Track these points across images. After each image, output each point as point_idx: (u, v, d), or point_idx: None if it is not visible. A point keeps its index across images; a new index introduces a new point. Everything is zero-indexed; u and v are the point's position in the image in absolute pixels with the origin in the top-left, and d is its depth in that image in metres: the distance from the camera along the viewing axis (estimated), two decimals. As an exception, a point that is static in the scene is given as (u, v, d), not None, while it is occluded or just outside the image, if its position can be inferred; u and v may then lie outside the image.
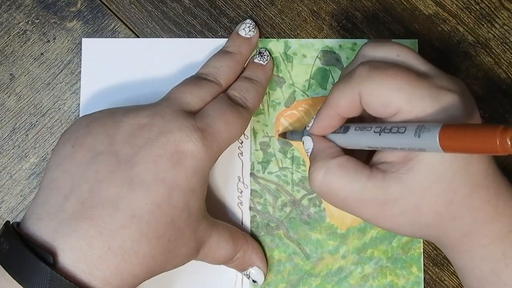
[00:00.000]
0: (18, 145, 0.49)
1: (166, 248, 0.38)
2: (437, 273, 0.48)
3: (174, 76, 0.48)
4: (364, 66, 0.38)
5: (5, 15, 0.49)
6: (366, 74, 0.37)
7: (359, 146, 0.40)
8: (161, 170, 0.38)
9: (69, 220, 0.36)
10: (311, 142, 0.42)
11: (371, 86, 0.37)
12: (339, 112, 0.39)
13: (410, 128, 0.35)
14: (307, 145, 0.42)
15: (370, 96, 0.37)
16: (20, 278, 0.35)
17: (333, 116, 0.40)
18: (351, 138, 0.40)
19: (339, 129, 0.41)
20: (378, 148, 0.38)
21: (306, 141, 0.42)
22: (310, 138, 0.42)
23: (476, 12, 0.50)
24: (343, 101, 0.39)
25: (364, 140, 0.39)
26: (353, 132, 0.40)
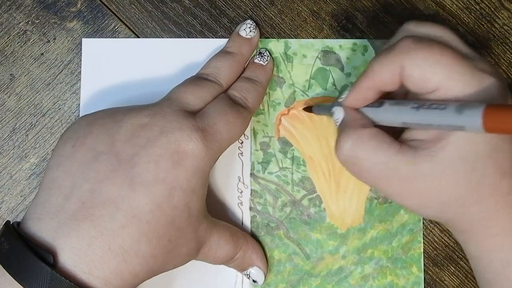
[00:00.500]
0: (18, 145, 0.49)
1: (166, 248, 0.38)
2: (437, 273, 0.48)
3: (174, 76, 0.48)
4: (408, 39, 0.38)
5: (5, 15, 0.49)
6: (410, 46, 0.37)
7: (393, 122, 0.39)
8: (161, 170, 0.38)
9: (70, 220, 0.36)
10: (342, 112, 0.41)
11: (415, 59, 0.37)
12: (377, 84, 0.39)
13: (451, 105, 0.35)
14: (337, 115, 0.41)
15: (413, 68, 0.37)
16: (20, 278, 0.35)
17: (370, 88, 0.40)
18: (386, 113, 0.39)
19: (373, 103, 0.41)
20: (413, 125, 0.38)
21: (336, 111, 0.41)
22: (342, 108, 0.41)
23: (476, 12, 0.50)
24: (384, 72, 0.38)
25: (400, 115, 0.38)
26: (389, 107, 0.39)
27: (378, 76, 0.39)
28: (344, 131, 0.39)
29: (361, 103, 0.41)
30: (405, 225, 0.48)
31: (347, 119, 0.40)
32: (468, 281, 0.48)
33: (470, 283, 0.48)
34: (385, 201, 0.48)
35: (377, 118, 0.40)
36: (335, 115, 0.41)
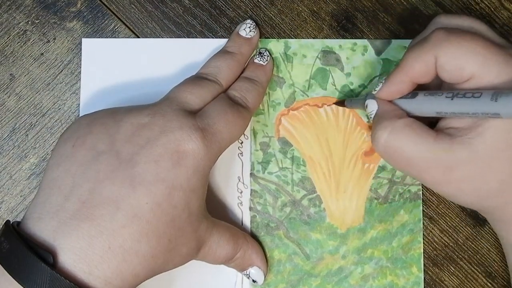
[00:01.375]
0: (18, 145, 0.48)
1: (166, 248, 0.38)
2: (437, 273, 0.48)
3: (174, 76, 0.48)
4: (440, 30, 0.38)
5: (5, 15, 0.49)
6: (443, 37, 0.37)
7: (427, 112, 0.39)
8: (162, 169, 0.38)
9: (70, 220, 0.36)
10: (376, 104, 0.41)
11: (448, 49, 0.37)
12: (411, 77, 0.39)
13: (486, 93, 0.35)
14: (371, 107, 0.42)
15: (447, 58, 0.37)
16: (20, 278, 0.35)
17: (404, 81, 0.40)
18: (420, 103, 0.40)
19: (406, 95, 0.41)
20: (447, 115, 0.38)
21: (370, 103, 0.42)
22: (375, 101, 0.42)
23: (476, 12, 0.50)
24: (418, 64, 0.38)
25: (434, 105, 0.39)
26: (422, 97, 0.40)
27: (413, 69, 0.39)
28: (380, 122, 0.40)
29: (395, 95, 0.41)
30: (405, 225, 0.48)
31: (381, 111, 0.41)
32: (468, 281, 0.48)
33: (470, 283, 0.48)
34: (385, 201, 0.49)
35: (411, 109, 0.41)
36: (368, 107, 0.42)
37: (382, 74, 0.49)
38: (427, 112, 0.39)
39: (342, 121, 0.49)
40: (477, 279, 0.48)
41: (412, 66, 0.39)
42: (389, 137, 0.38)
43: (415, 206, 0.48)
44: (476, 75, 0.37)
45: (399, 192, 0.49)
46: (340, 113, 0.49)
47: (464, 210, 0.49)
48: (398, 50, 0.49)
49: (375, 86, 0.42)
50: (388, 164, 0.40)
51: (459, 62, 0.37)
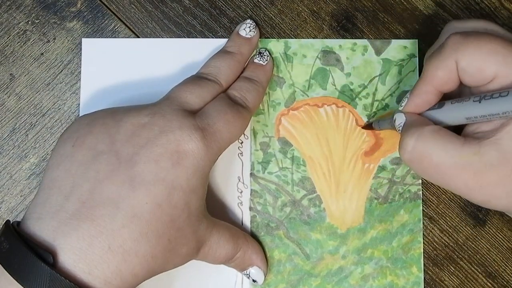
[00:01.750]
0: (18, 145, 0.48)
1: (166, 248, 0.38)
2: (437, 273, 0.48)
3: (174, 76, 0.48)
4: (456, 35, 0.38)
5: (5, 15, 0.49)
6: (460, 40, 0.37)
7: (456, 119, 0.39)
8: (161, 169, 0.38)
9: (70, 220, 0.36)
10: (404, 117, 0.41)
11: (468, 51, 0.37)
12: (436, 85, 0.39)
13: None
14: (399, 119, 0.41)
15: (467, 61, 0.37)
16: (20, 277, 0.35)
17: (429, 91, 0.40)
18: (448, 112, 0.39)
19: (433, 106, 0.41)
20: (477, 119, 0.38)
21: (398, 116, 0.41)
22: (403, 114, 0.41)
23: (476, 12, 0.50)
24: (440, 72, 0.38)
25: (463, 111, 0.38)
26: (450, 106, 0.39)
27: (436, 77, 0.39)
28: (406, 130, 0.39)
29: (422, 107, 0.41)
30: (405, 225, 0.48)
31: (409, 121, 0.40)
32: (468, 281, 0.48)
33: (470, 283, 0.48)
34: (385, 201, 0.48)
35: (440, 119, 0.40)
36: (397, 120, 0.41)
37: (382, 74, 0.49)
38: (457, 120, 0.39)
39: (342, 121, 0.49)
40: (477, 279, 0.48)
41: (435, 74, 0.39)
42: (416, 144, 0.38)
43: (415, 206, 0.48)
44: (499, 74, 0.36)
45: (399, 192, 0.49)
46: (340, 113, 0.49)
47: (464, 210, 0.49)
48: (398, 50, 0.49)
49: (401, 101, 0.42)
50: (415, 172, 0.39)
51: (480, 63, 0.37)
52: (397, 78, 0.49)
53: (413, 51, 0.49)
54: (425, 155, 0.38)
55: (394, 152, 0.49)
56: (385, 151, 0.49)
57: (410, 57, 0.49)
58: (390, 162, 0.49)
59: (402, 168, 0.49)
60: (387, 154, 0.49)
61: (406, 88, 0.49)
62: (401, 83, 0.49)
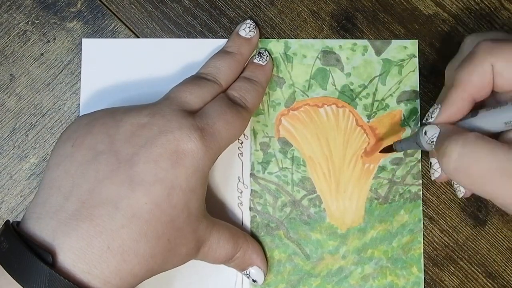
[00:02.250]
0: (18, 146, 0.49)
1: (165, 248, 0.38)
2: (437, 273, 0.48)
3: (174, 76, 0.48)
4: (486, 41, 0.37)
5: (5, 15, 0.49)
6: (492, 45, 0.37)
7: (494, 125, 0.38)
8: (161, 169, 0.38)
9: (69, 220, 0.36)
10: (436, 128, 0.39)
11: (504, 54, 0.36)
12: (471, 92, 0.38)
13: None
14: (432, 132, 0.39)
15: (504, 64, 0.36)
16: (20, 277, 0.35)
17: (464, 99, 0.38)
18: (484, 119, 0.38)
19: (466, 116, 0.39)
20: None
21: (430, 129, 0.39)
22: (435, 125, 0.39)
23: (476, 12, 0.50)
24: (475, 77, 0.37)
25: (501, 116, 0.37)
26: (485, 113, 0.38)
27: (470, 83, 0.38)
28: (447, 138, 0.37)
29: (457, 116, 0.39)
30: (405, 225, 0.48)
31: (444, 132, 0.38)
32: (468, 281, 0.48)
33: (470, 283, 0.48)
34: (385, 202, 0.48)
35: (476, 126, 0.39)
36: (428, 133, 0.39)
37: (382, 74, 0.49)
38: (494, 126, 0.38)
39: (342, 121, 0.49)
40: (477, 279, 0.48)
41: (470, 80, 0.38)
42: (463, 151, 0.35)
43: (415, 206, 0.48)
44: None
45: (399, 192, 0.49)
46: (340, 113, 0.49)
47: (464, 210, 0.49)
48: (398, 50, 0.49)
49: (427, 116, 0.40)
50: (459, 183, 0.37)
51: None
52: (397, 78, 0.49)
53: (413, 51, 0.49)
54: (471, 164, 0.35)
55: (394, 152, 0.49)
56: (385, 151, 0.49)
57: (410, 57, 0.49)
58: (390, 162, 0.49)
59: (402, 168, 0.49)
60: (387, 154, 0.49)
61: (406, 88, 0.49)
62: (401, 83, 0.49)
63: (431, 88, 0.49)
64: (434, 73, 0.49)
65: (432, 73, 0.49)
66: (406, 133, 0.49)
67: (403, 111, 0.49)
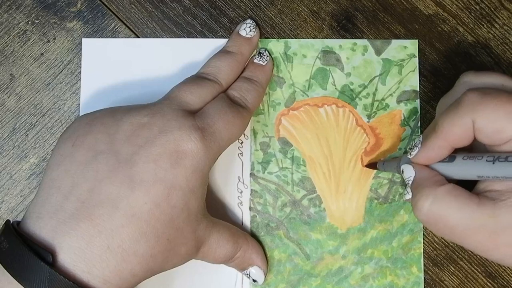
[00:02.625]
0: (18, 145, 0.49)
1: (165, 247, 0.38)
2: (437, 273, 0.48)
3: (174, 76, 0.48)
4: (473, 92, 0.37)
5: (5, 15, 0.49)
6: (478, 99, 0.37)
7: (467, 175, 0.39)
8: (160, 169, 0.38)
9: (69, 219, 0.36)
10: (413, 171, 0.41)
11: (485, 112, 0.36)
12: (450, 142, 0.39)
13: None
14: (408, 173, 0.41)
15: (484, 122, 0.36)
16: (20, 277, 0.35)
17: (442, 147, 0.39)
18: (459, 167, 0.39)
19: (444, 159, 0.40)
20: (489, 178, 0.37)
21: (406, 169, 0.41)
22: (411, 167, 0.41)
23: (476, 12, 0.50)
24: (456, 129, 0.38)
25: (475, 169, 0.38)
26: (461, 161, 0.39)
27: (451, 133, 0.38)
28: (420, 190, 0.39)
29: (433, 160, 0.40)
30: (405, 225, 0.48)
31: (419, 177, 0.40)
32: (468, 281, 0.48)
33: (470, 283, 0.48)
34: (385, 201, 0.48)
35: (450, 173, 0.40)
36: (405, 173, 0.41)
37: (382, 74, 0.49)
38: (468, 176, 0.39)
39: (342, 121, 0.49)
40: (477, 279, 0.48)
41: (451, 131, 0.38)
42: (431, 207, 0.37)
43: (415, 206, 0.48)
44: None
45: (399, 192, 0.49)
46: (340, 113, 0.49)
47: (464, 210, 0.49)
48: (398, 50, 0.49)
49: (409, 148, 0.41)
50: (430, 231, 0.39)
51: (497, 125, 0.36)
52: (397, 78, 0.49)
53: (413, 51, 0.49)
54: (440, 217, 0.37)
55: (394, 152, 0.49)
56: (385, 151, 0.49)
57: (410, 57, 0.49)
58: (390, 162, 0.49)
59: (402, 168, 0.49)
60: (387, 154, 0.49)
61: (406, 88, 0.49)
62: (401, 83, 0.49)
63: (431, 88, 0.49)
64: (434, 73, 0.49)
65: (432, 73, 0.49)
66: (406, 132, 0.49)
67: (403, 111, 0.49)
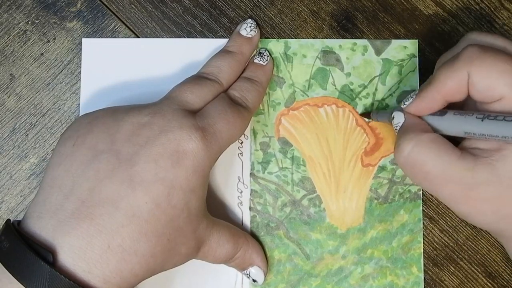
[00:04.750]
0: (18, 145, 0.49)
1: (165, 247, 0.38)
2: (437, 273, 0.48)
3: (174, 76, 0.48)
4: (473, 47, 0.37)
5: (5, 15, 0.49)
6: (476, 54, 0.37)
7: (455, 131, 0.39)
8: (161, 169, 0.38)
9: (69, 219, 0.36)
10: (403, 117, 0.41)
11: (481, 67, 0.36)
12: (443, 94, 0.39)
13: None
14: (398, 119, 0.41)
15: (479, 76, 0.36)
16: (20, 276, 0.35)
17: (436, 99, 0.39)
18: (449, 122, 0.39)
19: (435, 112, 0.40)
20: (476, 136, 0.38)
21: (397, 115, 0.41)
22: (402, 113, 0.41)
23: (476, 12, 0.50)
24: (450, 81, 0.38)
25: (463, 125, 0.38)
26: (452, 116, 0.39)
27: (445, 86, 0.38)
28: (405, 134, 0.39)
29: (425, 112, 0.41)
30: (405, 225, 0.48)
31: (408, 123, 0.40)
32: (468, 281, 0.48)
33: (470, 283, 0.48)
34: (385, 201, 0.48)
35: (439, 127, 0.40)
36: (395, 119, 0.41)
37: (382, 74, 0.49)
38: (456, 132, 0.39)
39: (342, 121, 0.49)
40: (477, 279, 0.48)
41: (445, 83, 0.38)
42: (413, 150, 0.38)
43: (415, 206, 0.48)
44: (506, 96, 0.36)
45: (399, 192, 0.49)
46: (340, 113, 0.49)
47: (464, 210, 0.49)
48: (398, 50, 0.49)
49: (404, 99, 0.42)
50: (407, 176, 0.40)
51: (490, 82, 0.36)
52: (397, 78, 0.49)
53: (413, 51, 0.49)
54: (419, 162, 0.38)
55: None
56: (385, 151, 0.49)
57: (410, 57, 0.49)
58: (390, 162, 0.49)
59: (402, 168, 0.49)
60: (387, 154, 0.49)
61: (406, 88, 0.49)
62: (401, 83, 0.49)
63: (431, 88, 0.49)
64: (434, 73, 0.49)
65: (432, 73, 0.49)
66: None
67: (403, 111, 0.49)
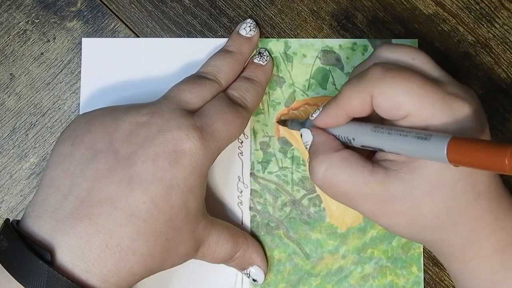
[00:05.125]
0: (18, 145, 0.49)
1: (164, 247, 0.38)
2: (437, 273, 0.48)
3: (174, 76, 0.48)
4: (377, 67, 0.37)
5: (5, 15, 0.49)
6: (379, 75, 0.37)
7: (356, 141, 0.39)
8: (159, 169, 0.38)
9: (68, 218, 0.36)
10: (310, 135, 0.41)
11: (384, 88, 0.36)
12: (347, 112, 0.39)
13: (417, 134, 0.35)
14: (306, 137, 0.41)
15: (382, 98, 0.36)
16: (19, 275, 0.35)
17: (340, 115, 0.40)
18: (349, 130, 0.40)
19: None
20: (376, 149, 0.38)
21: (305, 133, 0.42)
22: (309, 131, 0.41)
23: (476, 12, 0.50)
24: (354, 101, 0.38)
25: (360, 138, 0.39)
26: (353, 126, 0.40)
27: (349, 104, 0.38)
28: (316, 155, 0.39)
29: (330, 126, 0.41)
30: (405, 225, 0.48)
31: (317, 142, 0.41)
32: (469, 281, 0.48)
33: (470, 283, 0.48)
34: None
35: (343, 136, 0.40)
36: (304, 137, 0.42)
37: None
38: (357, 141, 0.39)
39: (342, 120, 0.49)
40: (477, 279, 0.48)
41: (349, 102, 0.38)
42: (326, 172, 0.38)
43: (415, 206, 0.48)
44: (411, 113, 0.36)
45: (399, 191, 0.48)
46: (340, 112, 0.49)
47: (465, 210, 0.49)
48: (398, 49, 0.49)
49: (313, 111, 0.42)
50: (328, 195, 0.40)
51: (394, 102, 0.36)
52: (397, 77, 0.49)
53: (413, 51, 0.49)
54: (334, 183, 0.38)
55: None
56: (385, 151, 0.49)
57: (410, 56, 0.49)
58: (390, 161, 0.49)
59: (402, 168, 0.49)
60: (387, 154, 0.49)
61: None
62: (401, 82, 0.49)
63: (431, 87, 0.49)
64: (434, 73, 0.49)
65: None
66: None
67: (403, 110, 0.49)
